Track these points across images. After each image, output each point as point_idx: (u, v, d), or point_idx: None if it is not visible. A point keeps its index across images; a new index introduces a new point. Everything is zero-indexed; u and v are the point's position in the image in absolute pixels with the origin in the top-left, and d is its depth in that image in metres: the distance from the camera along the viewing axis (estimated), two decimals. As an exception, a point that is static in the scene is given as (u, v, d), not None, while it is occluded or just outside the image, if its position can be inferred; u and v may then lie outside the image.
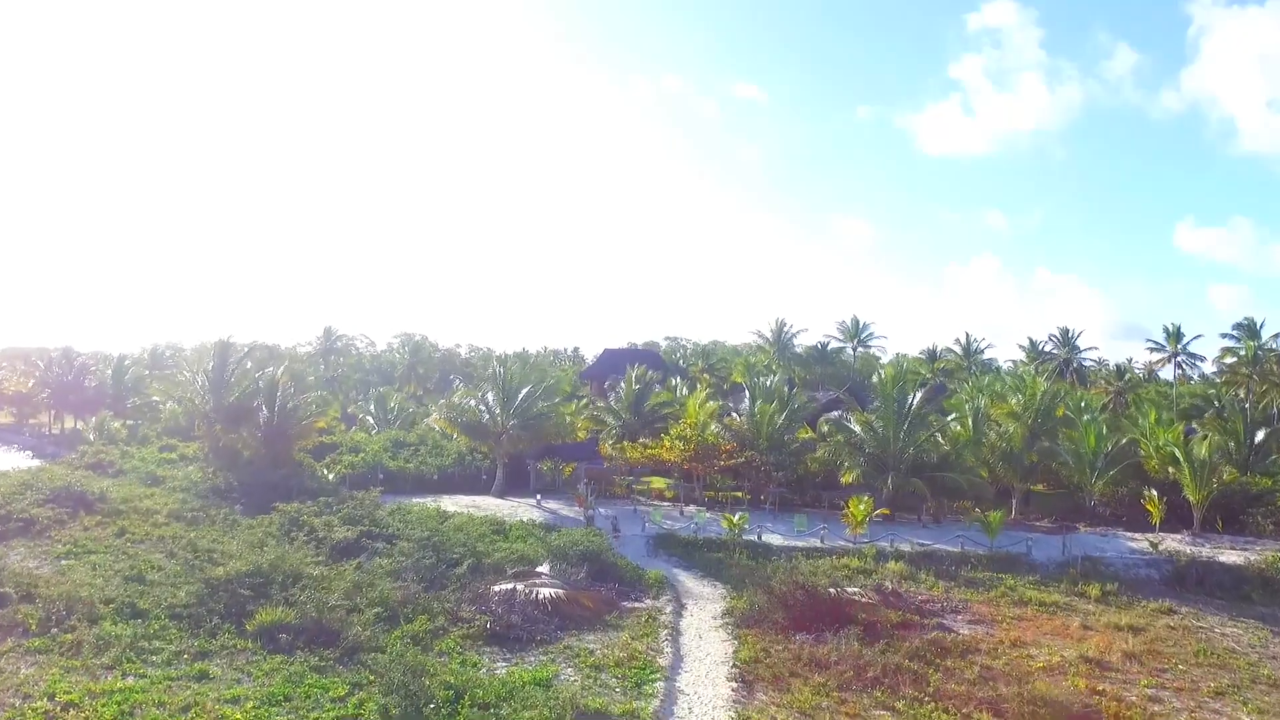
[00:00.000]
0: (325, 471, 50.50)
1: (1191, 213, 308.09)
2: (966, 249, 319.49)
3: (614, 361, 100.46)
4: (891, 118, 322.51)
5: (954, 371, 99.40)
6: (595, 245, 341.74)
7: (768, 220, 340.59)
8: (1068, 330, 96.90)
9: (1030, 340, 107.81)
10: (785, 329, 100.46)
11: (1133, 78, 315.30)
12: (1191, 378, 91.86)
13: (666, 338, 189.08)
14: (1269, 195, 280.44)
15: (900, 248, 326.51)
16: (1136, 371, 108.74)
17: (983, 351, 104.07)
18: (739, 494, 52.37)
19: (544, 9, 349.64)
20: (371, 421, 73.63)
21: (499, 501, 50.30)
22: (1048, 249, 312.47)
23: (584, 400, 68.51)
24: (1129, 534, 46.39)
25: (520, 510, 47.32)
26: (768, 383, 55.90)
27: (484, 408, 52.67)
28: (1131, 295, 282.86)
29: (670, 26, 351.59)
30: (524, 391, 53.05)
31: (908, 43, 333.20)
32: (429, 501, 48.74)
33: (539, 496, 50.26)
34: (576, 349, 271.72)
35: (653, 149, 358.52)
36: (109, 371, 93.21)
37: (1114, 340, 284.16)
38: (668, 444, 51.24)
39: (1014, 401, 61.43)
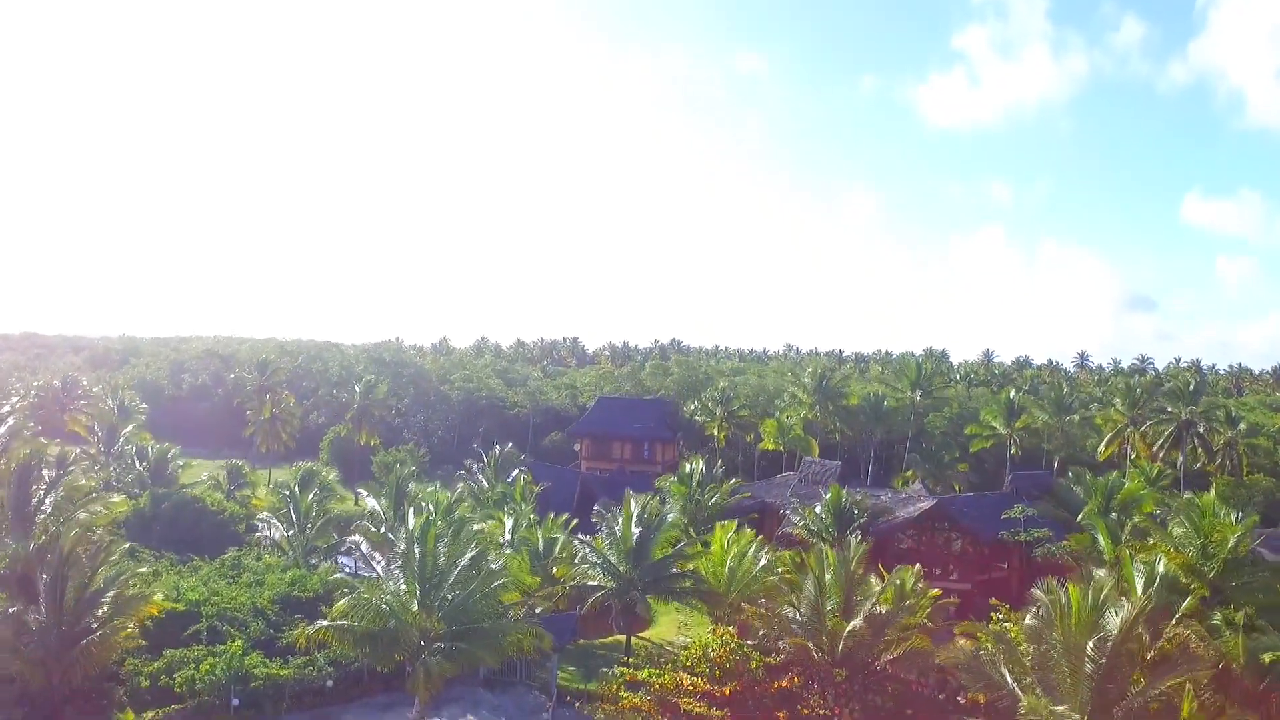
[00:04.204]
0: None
1: (1199, 184, 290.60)
2: (972, 220, 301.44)
3: (611, 416, 80.00)
4: (895, 89, 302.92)
5: (1042, 431, 79.07)
6: (594, 231, 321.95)
7: (773, 194, 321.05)
8: (1189, 383, 76.12)
9: (1128, 385, 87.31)
10: (827, 377, 79.59)
11: (1140, 49, 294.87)
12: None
13: (676, 345, 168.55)
14: (1278, 167, 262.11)
15: (907, 219, 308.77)
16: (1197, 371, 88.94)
17: (1088, 409, 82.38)
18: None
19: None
20: (278, 536, 53.31)
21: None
22: (1054, 221, 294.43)
23: (568, 520, 48.46)
24: None
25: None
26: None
27: (390, 604, 32.48)
28: (1139, 267, 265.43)
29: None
30: (457, 570, 33.05)
31: (910, 13, 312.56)
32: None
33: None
34: (576, 339, 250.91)
35: (653, 122, 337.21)
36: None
37: (1123, 313, 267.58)
38: (687, 680, 31.17)
39: (1178, 534, 41.94)
